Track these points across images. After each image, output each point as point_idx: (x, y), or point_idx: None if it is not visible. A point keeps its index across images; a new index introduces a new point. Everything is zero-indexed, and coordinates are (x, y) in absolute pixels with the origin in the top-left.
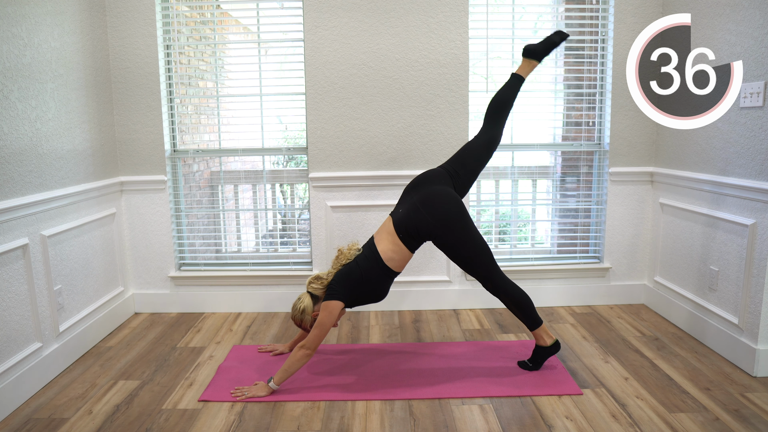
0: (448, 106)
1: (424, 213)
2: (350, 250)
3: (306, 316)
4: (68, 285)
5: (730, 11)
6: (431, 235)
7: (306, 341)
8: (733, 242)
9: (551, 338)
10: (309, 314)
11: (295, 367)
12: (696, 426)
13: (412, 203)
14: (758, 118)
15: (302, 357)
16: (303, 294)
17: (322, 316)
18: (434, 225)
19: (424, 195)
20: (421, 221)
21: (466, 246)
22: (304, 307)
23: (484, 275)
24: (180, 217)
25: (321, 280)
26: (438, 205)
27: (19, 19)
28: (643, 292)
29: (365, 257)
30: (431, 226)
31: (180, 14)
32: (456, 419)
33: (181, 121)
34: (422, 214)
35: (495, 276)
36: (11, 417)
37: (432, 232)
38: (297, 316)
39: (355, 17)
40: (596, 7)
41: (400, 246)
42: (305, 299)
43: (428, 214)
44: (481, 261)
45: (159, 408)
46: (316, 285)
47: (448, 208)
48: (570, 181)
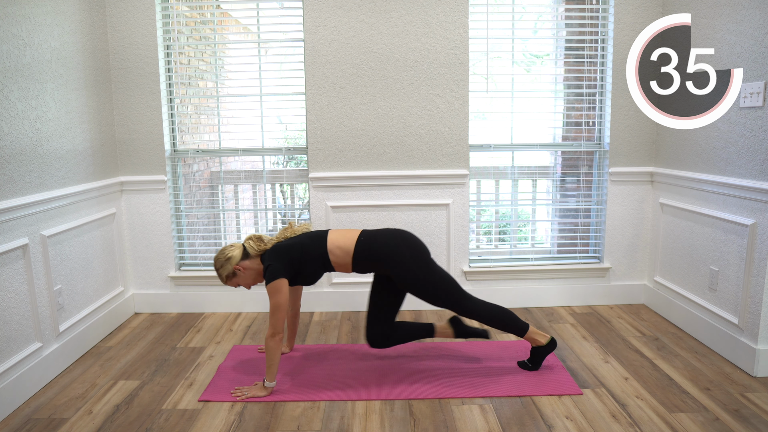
0: (448, 106)
1: (400, 240)
2: (300, 227)
3: (228, 264)
4: (68, 285)
5: (730, 11)
6: (392, 262)
7: (273, 328)
8: (733, 242)
9: (545, 337)
10: (232, 265)
11: (276, 356)
12: (696, 426)
13: (392, 231)
14: (758, 118)
15: (276, 344)
16: (237, 243)
17: (277, 298)
18: (403, 253)
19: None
20: (392, 244)
21: (429, 280)
22: (231, 257)
23: (453, 305)
24: (180, 217)
25: (260, 243)
26: (414, 241)
27: (19, 19)
28: (643, 292)
29: (311, 238)
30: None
31: (180, 14)
32: (456, 419)
33: (181, 121)
34: (398, 240)
35: (464, 304)
36: (11, 417)
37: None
38: (220, 260)
39: (355, 17)
40: (596, 7)
41: (348, 251)
42: (236, 249)
43: (403, 242)
44: (446, 292)
45: (159, 408)
46: (254, 245)
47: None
48: (570, 181)
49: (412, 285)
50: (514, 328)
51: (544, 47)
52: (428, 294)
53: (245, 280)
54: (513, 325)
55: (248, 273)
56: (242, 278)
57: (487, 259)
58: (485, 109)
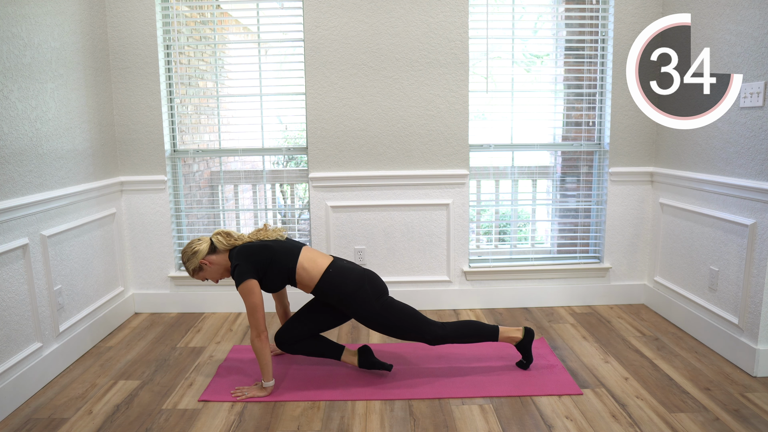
0: (448, 106)
1: (366, 280)
2: (275, 231)
3: (195, 258)
4: (68, 285)
5: (730, 11)
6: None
7: (254, 330)
8: (733, 242)
9: (519, 330)
10: (198, 259)
11: (266, 355)
12: (696, 426)
13: (360, 268)
14: (758, 118)
15: (262, 343)
16: (204, 237)
17: (251, 300)
18: (366, 291)
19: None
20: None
21: (390, 314)
22: (198, 250)
23: (421, 335)
24: (180, 217)
25: (230, 238)
26: (379, 283)
27: (19, 19)
28: (643, 292)
29: (284, 250)
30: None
31: (180, 14)
32: (456, 419)
33: (181, 121)
34: (364, 279)
35: (431, 331)
36: (11, 417)
37: (358, 296)
38: (187, 254)
39: (355, 17)
40: (596, 7)
41: (313, 277)
42: (204, 244)
43: (368, 282)
44: (410, 324)
45: (159, 408)
46: (222, 239)
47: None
48: (570, 181)
49: (371, 320)
50: (486, 336)
51: (544, 47)
52: (389, 328)
53: (212, 275)
54: (484, 334)
55: (215, 268)
56: (209, 272)
57: (487, 259)
58: (485, 109)
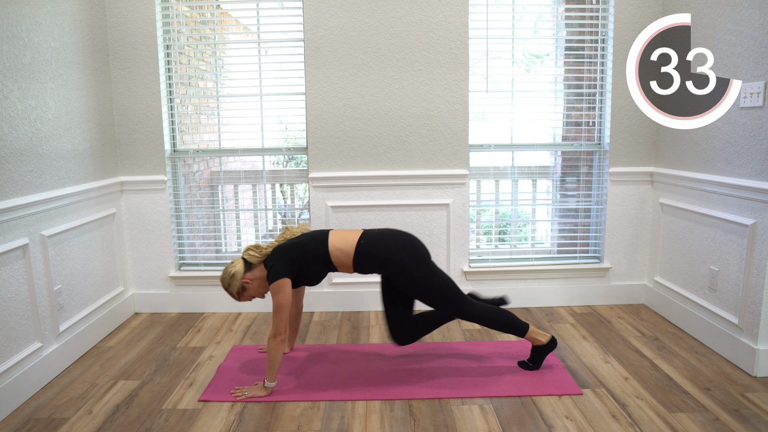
0: (448, 106)
1: (400, 243)
2: (299, 228)
3: (235, 281)
4: (68, 285)
5: (730, 11)
6: (393, 265)
7: (275, 329)
8: (733, 242)
9: (545, 336)
10: (238, 280)
11: (277, 357)
12: (696, 426)
13: (393, 233)
14: (758, 118)
15: (279, 344)
16: (237, 259)
17: (279, 297)
18: (402, 257)
19: (406, 234)
20: (392, 247)
21: (430, 283)
22: (234, 272)
23: (454, 309)
24: (180, 217)
25: (260, 249)
26: (414, 244)
27: (19, 19)
28: (643, 292)
29: (313, 238)
30: (398, 257)
31: (180, 14)
32: (456, 419)
33: (181, 121)
34: (398, 242)
35: (465, 308)
36: (11, 417)
37: (396, 263)
38: (226, 280)
39: (355, 17)
40: (596, 7)
41: (348, 253)
42: (238, 264)
43: (402, 245)
44: (447, 297)
45: (159, 408)
46: (254, 253)
47: (420, 248)
48: (570, 181)
49: (411, 288)
50: (515, 328)
51: (544, 47)
52: (428, 297)
53: (257, 291)
54: (513, 326)
55: (256, 283)
56: (253, 290)
57: (487, 259)
58: (485, 109)
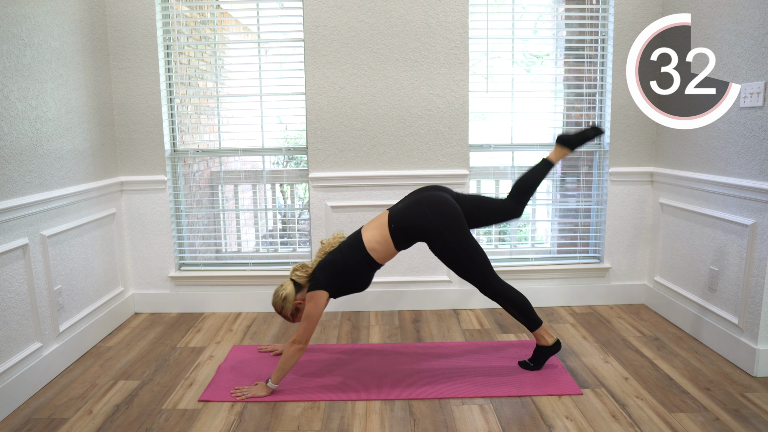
0: (448, 106)
1: (426, 209)
2: (334, 239)
3: (287, 303)
4: (68, 285)
5: (730, 11)
6: (426, 234)
7: (297, 335)
8: (733, 242)
9: (552, 338)
10: (291, 302)
11: (291, 363)
12: (696, 426)
13: (416, 199)
14: (758, 118)
15: (295, 352)
16: (286, 281)
17: (309, 307)
18: (433, 223)
19: (429, 195)
20: (419, 217)
21: (463, 250)
22: (286, 295)
23: (481, 280)
24: (180, 217)
25: (306, 269)
26: (441, 205)
27: (19, 19)
28: (643, 292)
29: (349, 245)
30: (429, 224)
31: (180, 14)
32: (456, 419)
33: (181, 121)
34: (423, 209)
35: (492, 280)
36: (11, 417)
37: (429, 230)
38: (278, 303)
39: (355, 17)
40: (596, 7)
41: (386, 239)
42: (288, 286)
43: (429, 211)
44: (477, 265)
45: (159, 408)
46: (301, 273)
47: (449, 210)
48: (570, 181)
49: (444, 253)
50: (529, 320)
51: (544, 47)
52: (458, 264)
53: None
54: (529, 316)
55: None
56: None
57: None
58: (485, 109)
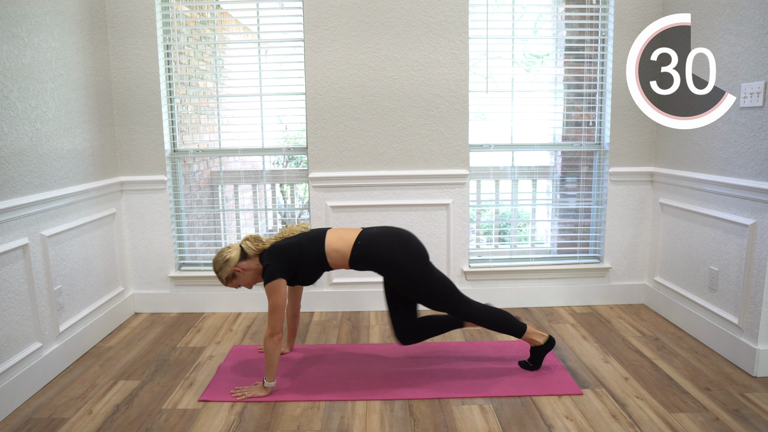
0: (448, 106)
1: (397, 244)
2: (298, 226)
3: (227, 267)
4: (68, 285)
5: (730, 11)
6: (389, 265)
7: (270, 328)
8: (733, 242)
9: (543, 336)
10: (231, 267)
11: (275, 356)
12: (696, 426)
13: (393, 232)
14: (758, 118)
15: (275, 344)
16: (234, 245)
17: (273, 299)
18: (398, 256)
19: (405, 233)
20: (387, 248)
21: (425, 282)
22: (229, 258)
23: (450, 309)
24: (180, 217)
25: (258, 242)
26: (412, 244)
27: (19, 19)
28: (643, 292)
29: (310, 239)
30: (394, 257)
31: (180, 14)
32: (456, 419)
33: (181, 121)
34: (395, 242)
35: (461, 309)
36: (11, 417)
37: (392, 262)
38: (219, 263)
39: (355, 17)
40: (596, 7)
41: (346, 253)
42: (234, 251)
43: (399, 244)
44: (442, 299)
45: (159, 408)
46: (252, 244)
47: (418, 249)
48: (570, 181)
49: (409, 288)
50: (512, 329)
51: (544, 47)
52: (425, 297)
53: (245, 281)
54: (510, 327)
55: (248, 273)
56: (242, 279)
57: (487, 259)
58: (485, 109)
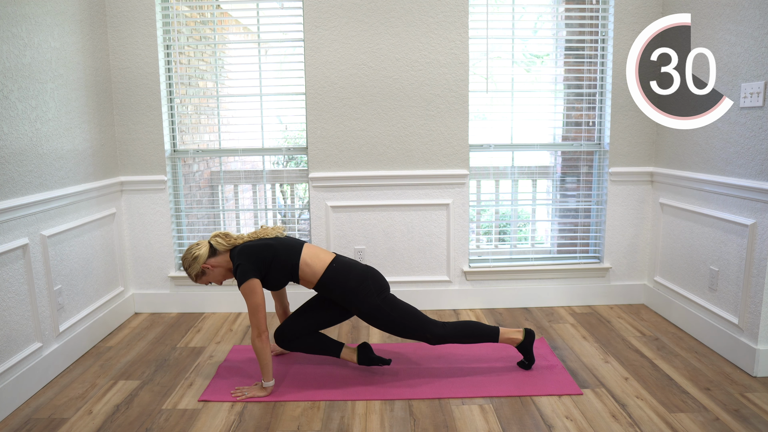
0: (448, 106)
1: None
2: (274, 229)
3: (196, 264)
4: (68, 285)
5: (730, 11)
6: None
7: (255, 329)
8: (733, 242)
9: (519, 332)
10: (200, 264)
11: (266, 355)
12: (696, 426)
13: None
14: (758, 118)
15: (263, 342)
16: (203, 241)
17: (252, 300)
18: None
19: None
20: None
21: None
22: (198, 255)
23: (420, 334)
24: (180, 217)
25: (229, 238)
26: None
27: (19, 19)
28: (643, 292)
29: (286, 246)
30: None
31: (180, 14)
32: (456, 419)
33: (181, 121)
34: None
35: (430, 329)
36: (11, 417)
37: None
38: (187, 260)
39: (355, 17)
40: (596, 7)
41: (318, 271)
42: (203, 248)
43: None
44: (411, 322)
45: (159, 408)
46: (222, 240)
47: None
48: (570, 181)
49: (377, 319)
50: (486, 336)
51: (544, 47)
52: (395, 326)
53: (215, 278)
54: (485, 335)
55: (217, 270)
56: (212, 276)
57: (487, 259)
58: (485, 109)
